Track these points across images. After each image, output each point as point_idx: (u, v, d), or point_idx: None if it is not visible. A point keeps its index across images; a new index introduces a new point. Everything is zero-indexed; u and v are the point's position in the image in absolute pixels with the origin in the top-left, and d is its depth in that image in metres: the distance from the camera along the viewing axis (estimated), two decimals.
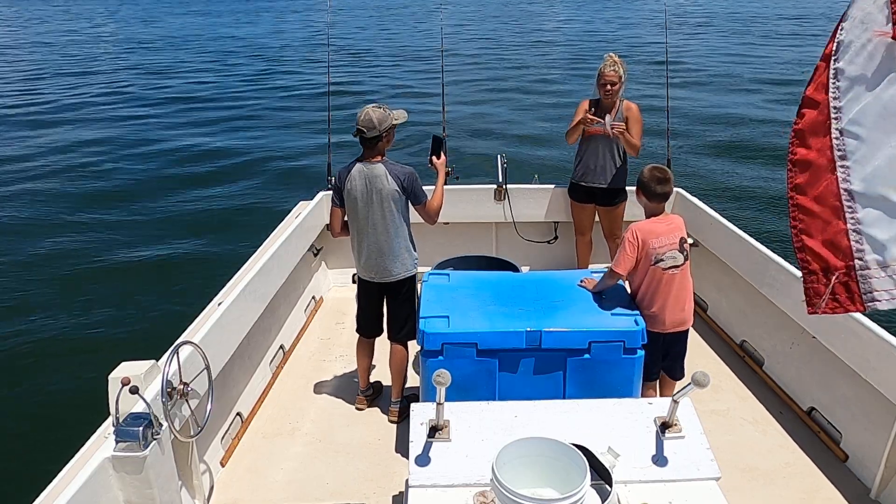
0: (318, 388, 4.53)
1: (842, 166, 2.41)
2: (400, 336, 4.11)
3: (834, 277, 2.47)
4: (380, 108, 3.76)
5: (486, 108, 16.51)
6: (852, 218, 2.41)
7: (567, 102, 16.86)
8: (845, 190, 2.40)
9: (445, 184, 4.09)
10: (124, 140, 13.99)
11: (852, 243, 2.42)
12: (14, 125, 15.44)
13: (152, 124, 15.42)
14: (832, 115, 2.42)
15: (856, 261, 2.43)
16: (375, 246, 3.89)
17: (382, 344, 4.25)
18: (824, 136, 2.44)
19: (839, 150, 2.42)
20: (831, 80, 2.42)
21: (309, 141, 13.45)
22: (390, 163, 3.82)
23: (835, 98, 2.42)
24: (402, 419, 4.12)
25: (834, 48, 2.40)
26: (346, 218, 3.99)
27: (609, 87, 4.91)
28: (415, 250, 4.03)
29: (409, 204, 3.92)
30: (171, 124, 15.37)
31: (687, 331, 3.70)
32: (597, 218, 5.44)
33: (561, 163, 11.34)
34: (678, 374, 3.80)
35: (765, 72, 20.66)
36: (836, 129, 2.42)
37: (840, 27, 2.39)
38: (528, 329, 3.24)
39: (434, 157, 4.04)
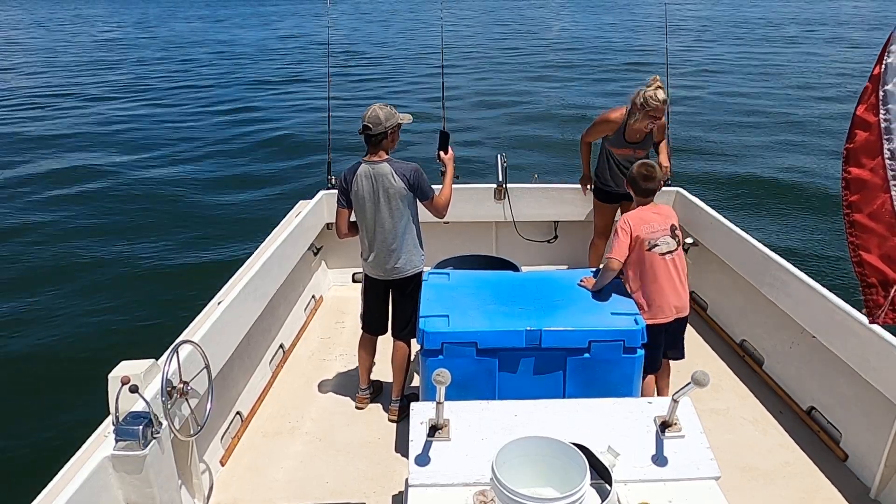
0: (318, 387, 4.53)
1: (895, 185, 2.53)
2: (403, 333, 4.12)
3: (893, 290, 2.60)
4: (386, 106, 3.79)
5: (487, 107, 16.50)
6: None
7: (568, 104, 16.88)
8: None
9: (441, 182, 4.08)
10: (123, 141, 13.99)
11: None
12: (14, 127, 15.44)
13: (150, 125, 15.41)
14: (884, 136, 2.53)
15: None
16: (384, 244, 3.90)
17: (384, 343, 4.26)
18: (877, 157, 2.55)
19: (892, 170, 2.53)
20: (881, 103, 2.52)
21: (309, 140, 13.45)
22: (395, 161, 3.82)
23: (885, 120, 2.52)
24: (402, 418, 4.12)
25: (882, 70, 2.51)
26: (352, 218, 4.00)
27: (656, 119, 4.63)
28: (422, 247, 4.03)
29: (417, 200, 3.92)
30: (168, 125, 15.36)
31: (686, 318, 3.75)
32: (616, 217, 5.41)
33: (561, 162, 11.34)
34: (679, 354, 3.87)
35: (768, 72, 20.67)
36: (888, 149, 2.54)
37: (888, 50, 2.49)
38: (528, 328, 3.24)
39: (442, 153, 4.05)
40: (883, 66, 2.52)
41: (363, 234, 3.97)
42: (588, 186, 5.52)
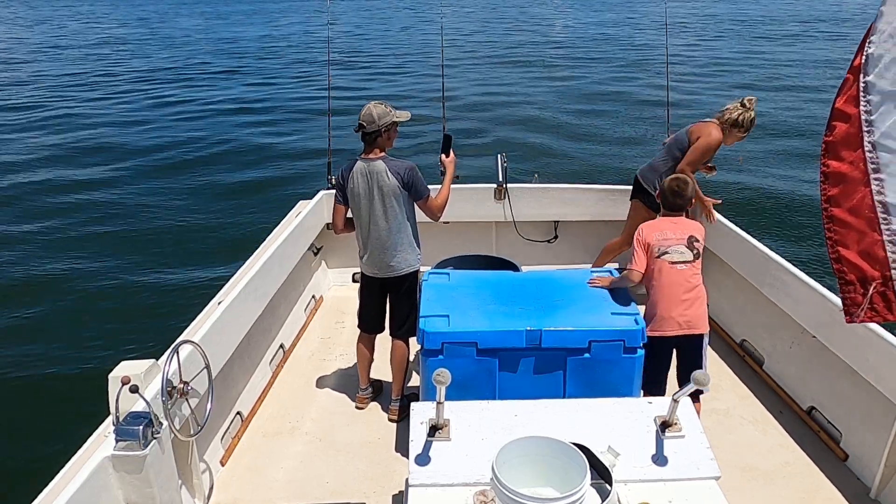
0: (319, 387, 4.53)
1: (876, 179, 2.46)
2: (401, 332, 4.12)
3: (871, 287, 2.51)
4: (382, 104, 3.79)
5: (487, 106, 16.50)
6: (888, 230, 2.47)
7: (569, 103, 16.86)
8: (880, 202, 2.45)
9: (440, 182, 4.08)
10: (122, 140, 13.99)
11: (888, 254, 2.47)
12: (14, 130, 15.45)
13: (150, 124, 15.41)
14: (864, 129, 2.45)
15: (892, 271, 2.48)
16: (378, 242, 3.90)
17: (383, 342, 4.26)
18: (857, 149, 2.47)
19: (872, 162, 2.45)
20: (862, 94, 2.45)
21: (309, 140, 13.45)
22: (390, 159, 3.83)
23: (866, 111, 2.45)
24: (403, 418, 4.12)
25: (863, 61, 2.43)
26: (348, 215, 4.01)
27: None
28: (419, 246, 4.03)
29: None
30: (169, 125, 15.37)
31: (700, 337, 3.52)
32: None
33: (561, 162, 11.36)
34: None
35: (766, 73, 20.67)
36: (869, 141, 2.45)
37: (868, 41, 2.40)
38: (528, 328, 3.24)
39: (443, 155, 4.06)
40: (864, 56, 2.43)
41: (358, 231, 3.98)
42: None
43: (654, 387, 3.52)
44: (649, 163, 5.18)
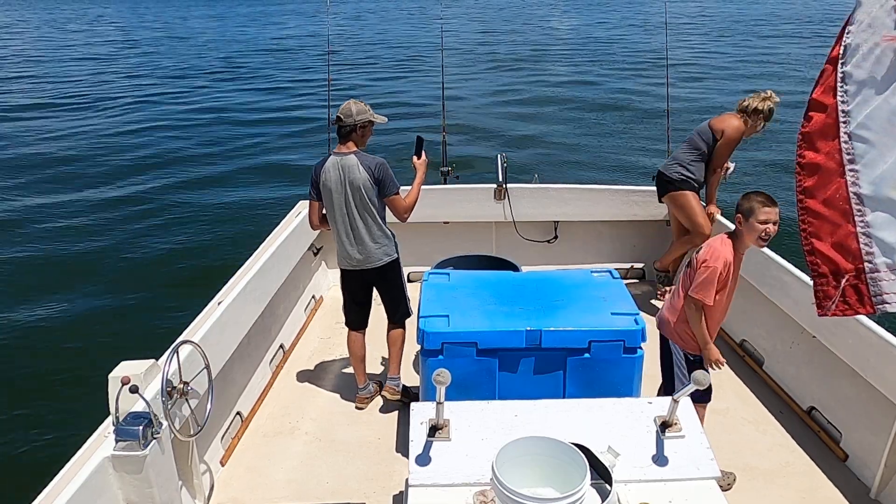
0: (318, 387, 4.53)
1: (851, 170, 2.41)
2: (397, 318, 4.21)
3: (844, 280, 2.48)
4: (361, 103, 3.90)
5: (487, 107, 16.50)
6: (861, 221, 2.43)
7: (570, 103, 16.85)
8: (854, 193, 2.41)
9: (441, 182, 4.08)
10: (124, 139, 14.00)
11: (861, 246, 2.44)
12: (15, 123, 15.44)
13: (151, 123, 15.41)
14: (840, 119, 2.43)
15: (865, 263, 2.44)
16: (353, 235, 3.96)
17: (380, 338, 4.27)
18: (833, 140, 2.44)
19: (848, 153, 2.42)
20: (839, 84, 2.42)
21: (309, 140, 13.45)
22: (362, 154, 3.90)
23: (843, 102, 2.42)
24: (402, 398, 4.16)
25: (841, 51, 2.40)
26: (324, 211, 4.05)
27: None
28: (393, 238, 4.09)
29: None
30: (168, 124, 15.37)
31: (666, 341, 3.44)
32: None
33: (561, 162, 11.36)
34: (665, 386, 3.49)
35: (764, 70, 20.68)
36: (845, 132, 2.42)
37: (847, 30, 2.37)
38: (528, 328, 3.24)
39: (415, 157, 4.12)
40: (842, 47, 2.41)
41: (332, 225, 4.03)
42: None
43: (668, 384, 3.47)
44: (672, 157, 5.20)
